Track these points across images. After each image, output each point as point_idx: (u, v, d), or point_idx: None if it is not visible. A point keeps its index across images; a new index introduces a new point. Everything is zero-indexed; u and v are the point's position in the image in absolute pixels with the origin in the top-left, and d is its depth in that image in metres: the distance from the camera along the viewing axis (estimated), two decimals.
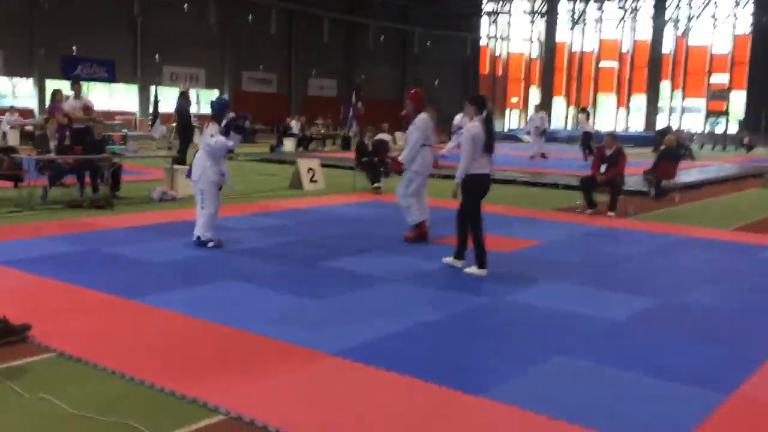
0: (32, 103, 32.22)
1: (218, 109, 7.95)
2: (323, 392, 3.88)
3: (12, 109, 26.46)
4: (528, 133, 23.94)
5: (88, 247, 7.55)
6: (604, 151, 11.51)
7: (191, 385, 3.87)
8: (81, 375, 4.05)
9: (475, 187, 6.83)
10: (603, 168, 11.28)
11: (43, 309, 5.20)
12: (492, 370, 4.29)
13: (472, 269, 6.81)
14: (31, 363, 4.20)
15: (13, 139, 23.12)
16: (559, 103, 53.65)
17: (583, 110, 26.56)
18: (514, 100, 54.47)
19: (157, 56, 35.70)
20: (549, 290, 6.29)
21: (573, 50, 52.83)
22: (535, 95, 53.56)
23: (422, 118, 8.25)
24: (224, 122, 7.78)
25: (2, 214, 9.55)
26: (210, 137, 7.62)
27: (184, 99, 15.83)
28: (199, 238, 7.70)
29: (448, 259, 7.15)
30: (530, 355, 4.55)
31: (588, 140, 22.01)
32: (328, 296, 5.87)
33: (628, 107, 51.63)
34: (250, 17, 38.65)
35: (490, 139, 6.77)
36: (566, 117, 53.44)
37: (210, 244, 7.65)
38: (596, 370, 4.33)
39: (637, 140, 35.69)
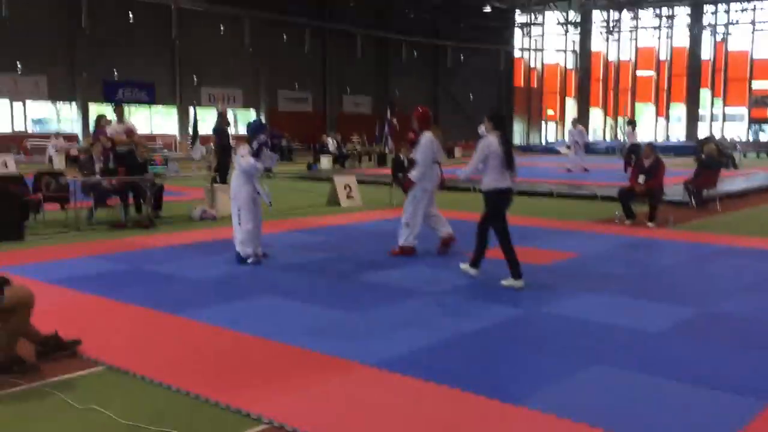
0: (76, 127, 33.16)
1: (251, 130, 8.21)
2: (362, 402, 3.96)
3: (57, 135, 27.31)
4: (568, 147, 23.90)
5: (132, 266, 7.77)
6: (643, 162, 11.43)
7: (234, 395, 3.99)
8: (129, 387, 4.19)
9: (498, 201, 6.99)
10: (642, 178, 11.19)
11: (91, 325, 5.39)
12: (529, 380, 4.31)
13: (509, 281, 6.85)
14: (82, 376, 4.36)
15: (59, 162, 23.85)
16: (596, 113, 53.18)
17: (630, 122, 26.46)
18: (551, 112, 54.18)
19: (194, 78, 36.48)
20: (587, 301, 6.28)
21: (609, 60, 52.41)
22: (571, 107, 53.20)
23: (427, 137, 8.42)
24: (255, 144, 7.98)
25: (50, 234, 9.88)
26: (241, 158, 7.89)
27: (222, 119, 16.14)
28: (239, 254, 7.87)
29: (464, 266, 7.26)
30: (568, 364, 4.57)
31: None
32: (365, 309, 5.95)
33: (667, 116, 50.93)
34: (284, 36, 39.28)
35: (509, 155, 6.91)
36: (604, 128, 52.93)
37: (250, 260, 7.81)
38: (635, 379, 4.32)
39: (677, 150, 35.20)
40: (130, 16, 33.48)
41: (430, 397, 4.03)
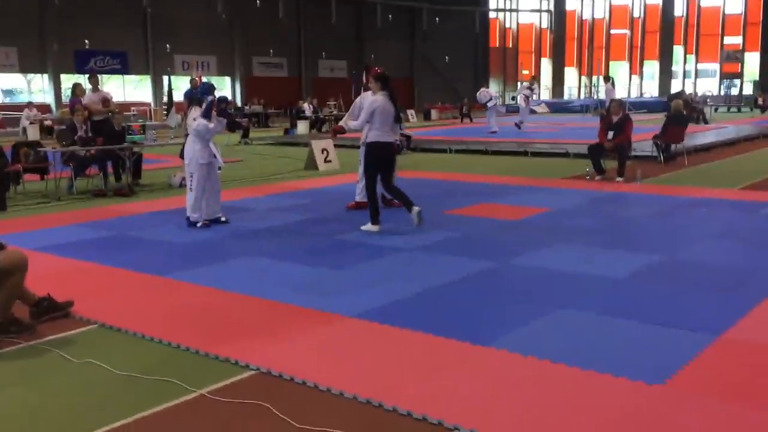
0: (48, 98, 32.78)
1: (200, 92, 8.27)
2: (342, 348, 4.24)
3: (30, 105, 27.02)
4: (536, 103, 24.34)
5: (116, 232, 7.95)
6: (611, 118, 11.71)
7: (223, 346, 4.25)
8: (122, 343, 4.44)
9: (379, 154, 7.64)
10: (610, 135, 11.49)
11: (80, 288, 5.59)
12: (498, 324, 4.61)
13: (367, 226, 7.59)
14: (77, 334, 4.60)
15: (33, 133, 23.68)
16: (570, 73, 53.42)
17: (608, 78, 26.78)
18: (526, 72, 54.26)
19: (167, 46, 36.09)
20: (555, 252, 6.58)
21: (583, 18, 52.50)
22: (546, 66, 53.35)
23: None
24: (204, 105, 8.04)
25: (32, 205, 10.00)
26: (193, 120, 7.96)
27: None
28: (188, 218, 8.06)
29: (413, 218, 7.63)
30: (534, 310, 4.87)
31: None
32: (345, 266, 6.22)
33: (641, 74, 51.33)
34: (257, 2, 38.86)
35: (397, 111, 7.71)
36: (579, 87, 53.22)
37: (199, 225, 8.00)
38: (595, 320, 4.65)
39: (651, 106, 35.63)
40: None
41: (406, 342, 4.32)
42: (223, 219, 8.25)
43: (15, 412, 3.50)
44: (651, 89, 50.20)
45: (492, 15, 52.61)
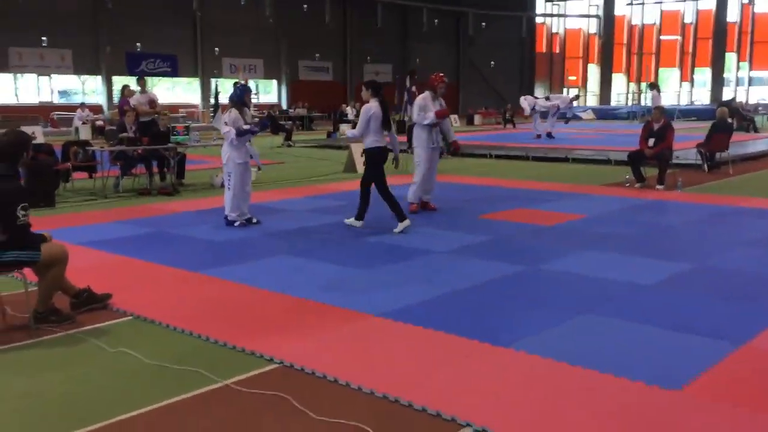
0: (101, 99, 33.74)
1: (238, 96, 8.47)
2: (364, 345, 4.35)
3: (83, 106, 27.87)
4: (568, 117, 24.28)
5: (157, 229, 8.21)
6: (652, 125, 11.58)
7: (250, 340, 4.40)
8: (155, 334, 4.63)
9: (377, 157, 8.05)
10: (651, 142, 11.36)
11: (120, 281, 5.82)
12: (520, 328, 4.66)
13: (398, 227, 7.82)
14: (113, 325, 4.81)
15: (85, 133, 24.39)
16: (618, 79, 52.61)
17: (653, 86, 26.41)
18: (572, 78, 53.67)
19: (216, 49, 36.81)
20: (586, 258, 6.58)
21: (633, 24, 51.66)
22: (594, 72, 52.69)
23: None
24: (249, 127, 8.26)
25: (80, 202, 10.37)
26: (224, 125, 8.16)
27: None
28: (226, 217, 8.26)
29: (350, 220, 8.21)
30: (557, 314, 4.91)
31: None
32: (374, 267, 6.32)
33: (692, 81, 50.28)
34: (304, 6, 39.34)
35: (386, 117, 8.06)
36: (627, 93, 52.37)
37: (236, 223, 8.20)
38: (617, 325, 4.66)
39: (701, 114, 34.90)
40: None
41: (427, 341, 4.40)
42: (254, 221, 8.43)
43: (51, 396, 3.70)
44: (703, 96, 49.13)
45: (539, 20, 52.19)
